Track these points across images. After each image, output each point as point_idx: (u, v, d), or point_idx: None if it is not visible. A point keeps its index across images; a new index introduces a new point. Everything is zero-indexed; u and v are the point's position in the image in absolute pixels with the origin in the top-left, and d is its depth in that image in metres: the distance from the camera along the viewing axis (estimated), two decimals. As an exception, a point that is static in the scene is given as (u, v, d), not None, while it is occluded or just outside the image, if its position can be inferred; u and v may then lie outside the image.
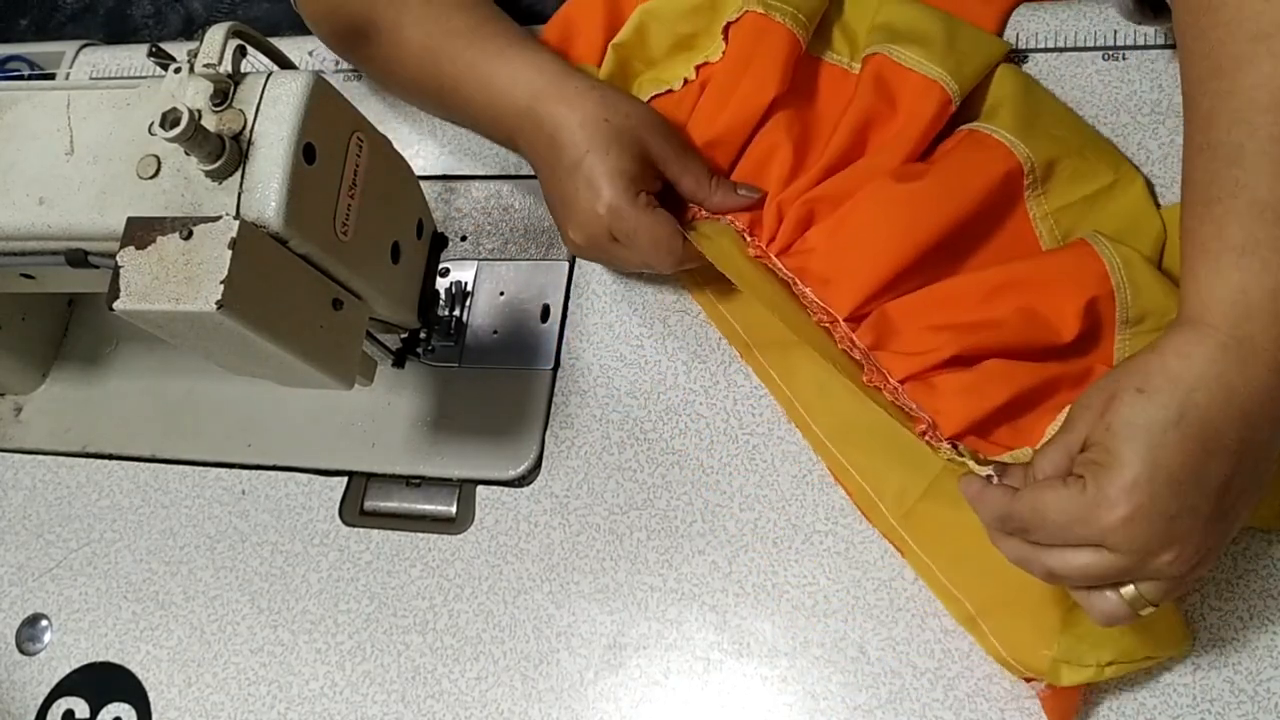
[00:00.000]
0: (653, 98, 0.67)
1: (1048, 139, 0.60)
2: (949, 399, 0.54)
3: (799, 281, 0.59)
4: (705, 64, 0.66)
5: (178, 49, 0.53)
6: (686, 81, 0.66)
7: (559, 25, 0.71)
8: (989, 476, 0.49)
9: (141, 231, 0.48)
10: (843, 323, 0.57)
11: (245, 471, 0.70)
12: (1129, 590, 0.44)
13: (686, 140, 0.63)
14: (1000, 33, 0.67)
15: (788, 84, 0.63)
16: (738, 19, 0.64)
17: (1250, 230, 0.43)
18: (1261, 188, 0.43)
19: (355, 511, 0.67)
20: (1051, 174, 0.59)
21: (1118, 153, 0.62)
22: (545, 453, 0.65)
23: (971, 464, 0.51)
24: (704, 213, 0.62)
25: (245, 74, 0.51)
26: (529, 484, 0.65)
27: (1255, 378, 0.42)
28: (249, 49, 0.52)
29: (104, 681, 0.66)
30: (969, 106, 0.62)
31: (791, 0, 0.63)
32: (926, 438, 0.53)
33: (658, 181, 0.61)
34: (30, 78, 0.88)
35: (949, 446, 0.53)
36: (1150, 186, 0.60)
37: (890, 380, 0.55)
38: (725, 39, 0.65)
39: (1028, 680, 0.53)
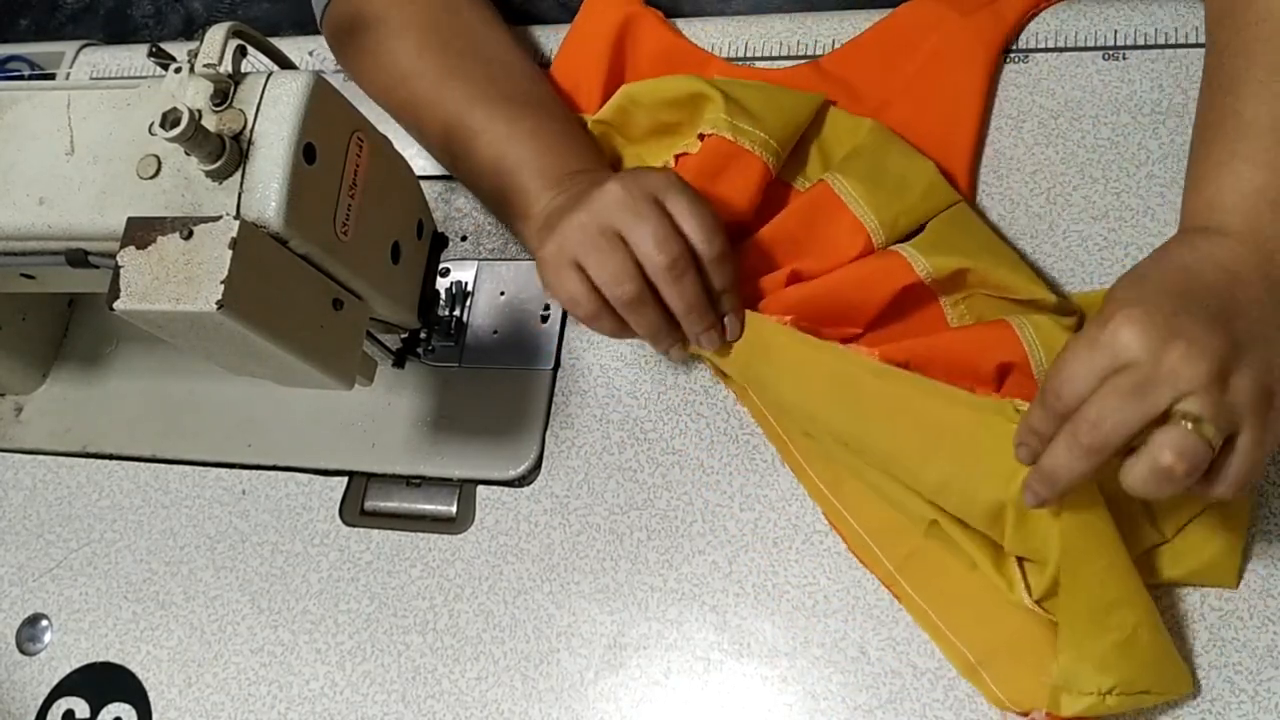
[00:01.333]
0: None
1: (962, 257, 0.58)
2: None
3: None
4: (685, 154, 0.64)
5: (178, 49, 0.53)
6: (665, 166, 0.65)
7: (563, 69, 0.72)
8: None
9: (142, 231, 0.48)
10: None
11: (245, 471, 0.70)
12: (1177, 411, 0.42)
13: (706, 208, 0.58)
14: (1004, 50, 0.67)
15: (754, 207, 0.63)
16: (709, 135, 0.63)
17: (1231, 143, 0.50)
18: (1251, 106, 0.50)
19: (355, 511, 0.67)
20: (962, 282, 0.59)
21: (1036, 279, 0.59)
22: (545, 453, 0.65)
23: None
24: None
25: (245, 74, 0.51)
26: (529, 484, 0.65)
27: (1235, 253, 0.47)
28: (249, 49, 0.52)
29: (104, 681, 0.66)
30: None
31: (764, 125, 0.62)
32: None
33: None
34: (30, 78, 0.88)
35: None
36: (1066, 309, 0.58)
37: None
38: (700, 140, 0.64)
39: (1025, 715, 0.53)
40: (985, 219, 0.63)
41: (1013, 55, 0.67)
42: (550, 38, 0.76)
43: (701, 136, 0.63)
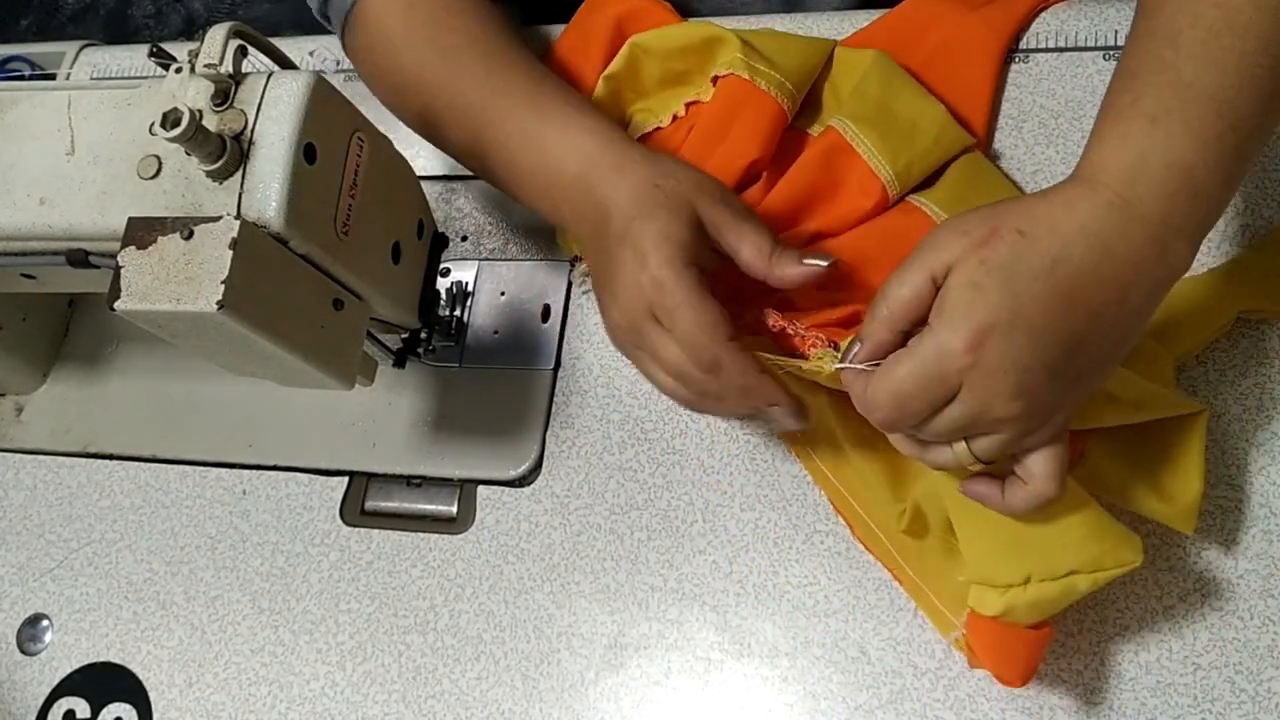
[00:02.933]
0: (642, 136, 0.67)
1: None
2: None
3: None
4: (696, 102, 0.65)
5: (178, 49, 0.53)
6: (676, 117, 0.66)
7: (573, 38, 0.71)
8: (854, 343, 0.48)
9: (142, 232, 0.48)
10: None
11: (246, 472, 0.70)
12: (960, 447, 0.45)
13: (746, 206, 0.55)
14: (1010, 48, 0.67)
15: (770, 151, 0.62)
16: (725, 75, 0.63)
17: (1166, 103, 0.43)
18: (1188, 69, 0.44)
19: (356, 511, 0.67)
20: None
21: None
22: (546, 453, 0.65)
23: (837, 354, 0.50)
24: (809, 342, 0.53)
25: (246, 74, 0.51)
26: (530, 484, 0.65)
27: (1132, 244, 0.42)
28: (250, 49, 0.52)
29: (105, 681, 0.66)
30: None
31: (780, 68, 0.62)
32: (807, 346, 0.52)
33: (714, 257, 0.54)
34: (31, 78, 0.88)
35: (825, 343, 0.52)
36: None
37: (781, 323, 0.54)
38: (714, 84, 0.64)
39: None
40: (998, 165, 0.63)
41: (1013, 55, 0.67)
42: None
43: (715, 80, 0.63)
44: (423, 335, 0.67)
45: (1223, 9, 0.44)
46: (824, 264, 0.52)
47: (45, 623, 0.69)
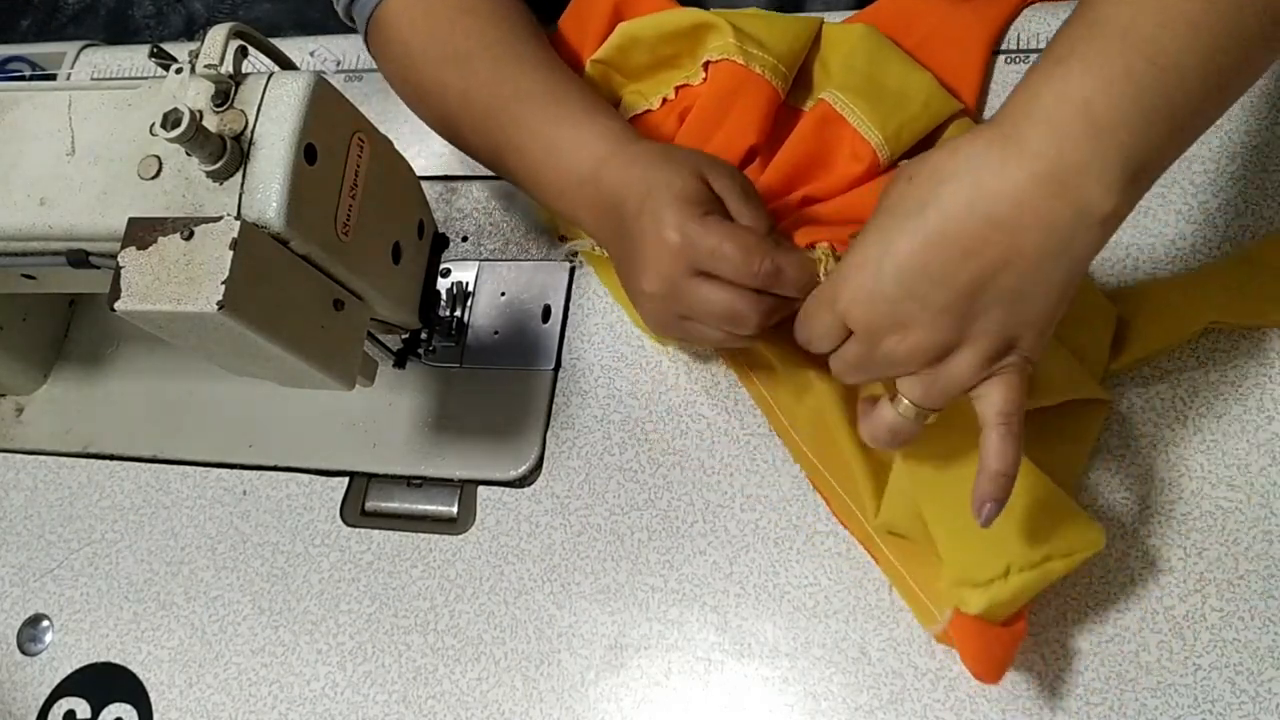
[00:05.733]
0: (632, 118, 0.67)
1: None
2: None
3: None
4: (686, 85, 0.65)
5: (179, 49, 0.53)
6: (666, 100, 0.66)
7: (571, 21, 0.71)
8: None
9: (143, 232, 0.48)
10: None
11: (246, 472, 0.70)
12: (902, 403, 0.47)
13: (752, 186, 0.56)
14: (997, 42, 0.67)
15: (766, 134, 0.63)
16: (719, 61, 0.64)
17: (1072, 44, 0.42)
18: (1102, 10, 0.42)
19: (356, 512, 0.67)
20: None
21: None
22: (546, 453, 0.65)
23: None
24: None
25: (246, 74, 0.51)
26: (530, 484, 0.65)
27: (1013, 180, 0.41)
28: (250, 49, 0.52)
29: (105, 682, 0.66)
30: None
31: (771, 49, 0.63)
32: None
33: (723, 211, 0.54)
34: (31, 78, 0.88)
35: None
36: None
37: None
38: (706, 72, 0.64)
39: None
40: None
41: (1011, 55, 0.67)
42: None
43: (707, 65, 0.64)
44: (423, 336, 0.66)
45: None
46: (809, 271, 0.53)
47: (45, 623, 0.69)
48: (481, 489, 0.65)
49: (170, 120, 0.46)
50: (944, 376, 0.45)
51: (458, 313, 0.70)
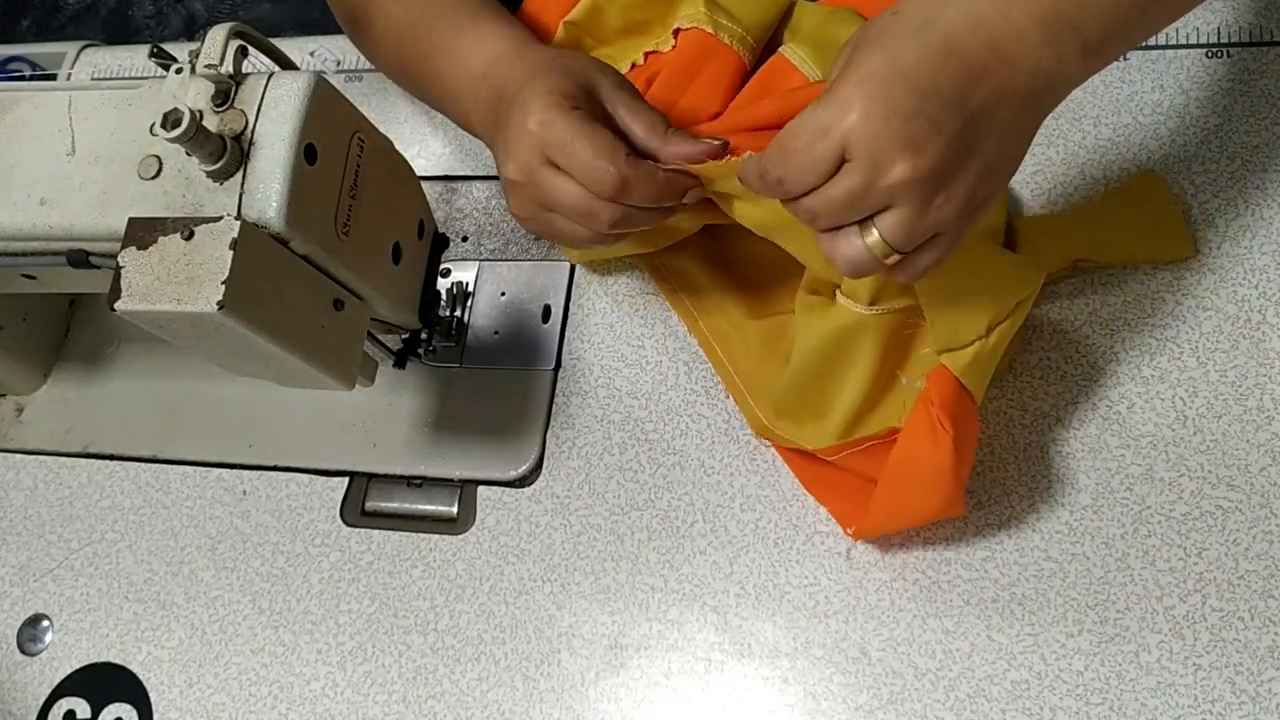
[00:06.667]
0: None
1: None
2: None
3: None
4: (655, 52, 0.65)
5: (179, 49, 0.53)
6: (634, 66, 0.66)
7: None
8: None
9: (143, 232, 0.48)
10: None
11: (246, 472, 0.70)
12: (872, 236, 0.43)
13: (640, 95, 0.57)
14: None
15: (729, 104, 0.63)
16: (688, 29, 0.64)
17: None
18: None
19: (356, 512, 0.67)
20: None
21: None
22: (546, 453, 0.65)
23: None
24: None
25: (246, 74, 0.51)
26: (530, 484, 0.65)
27: (1013, 18, 0.42)
28: (250, 49, 0.52)
29: (105, 682, 0.66)
30: None
31: (741, 21, 0.63)
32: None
33: (603, 117, 0.55)
34: (32, 78, 0.88)
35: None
36: None
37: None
38: (675, 38, 0.65)
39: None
40: None
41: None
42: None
43: (676, 33, 0.64)
44: (423, 335, 0.67)
45: None
46: (715, 144, 0.52)
47: (45, 623, 0.69)
48: (481, 489, 0.65)
49: (170, 120, 0.46)
50: (932, 215, 0.43)
51: (458, 313, 0.70)
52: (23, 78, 0.88)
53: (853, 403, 0.56)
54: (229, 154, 0.49)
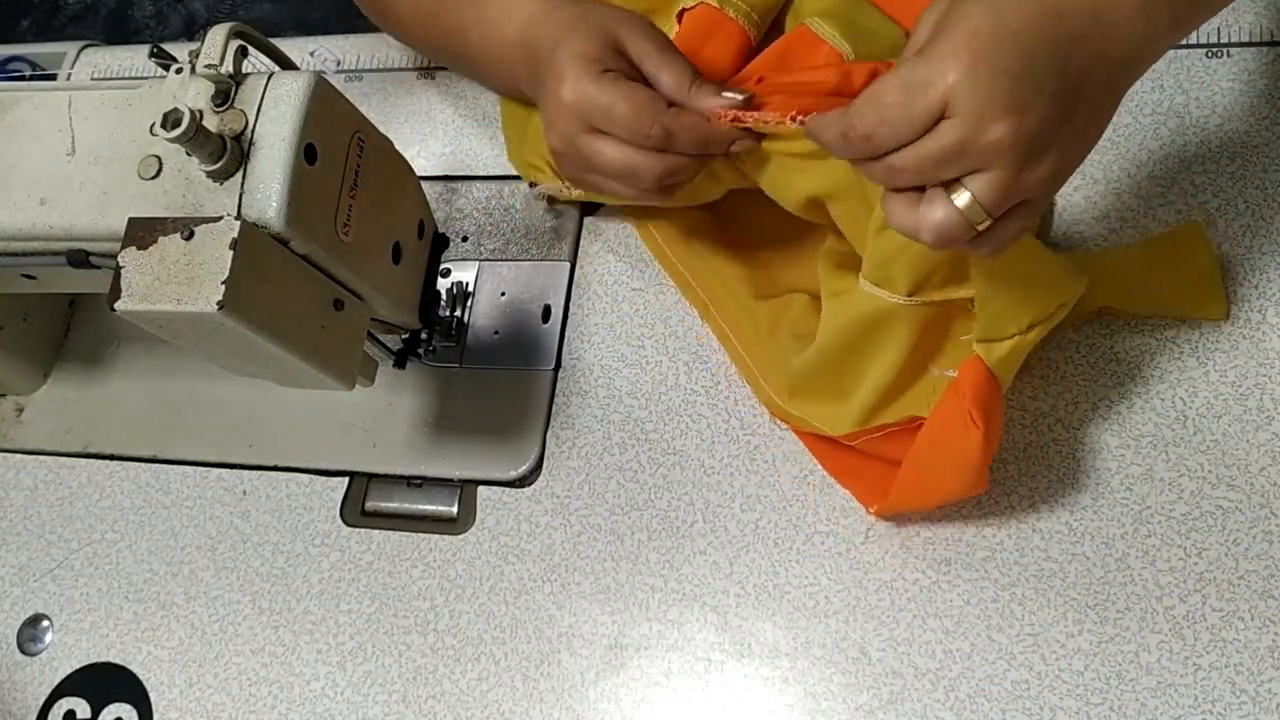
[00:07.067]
0: None
1: None
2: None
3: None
4: None
5: (179, 49, 0.53)
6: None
7: None
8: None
9: (143, 232, 0.48)
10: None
11: (246, 472, 0.70)
12: (964, 198, 0.42)
13: (670, 42, 0.57)
14: None
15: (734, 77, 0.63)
16: (693, 7, 0.64)
17: None
18: None
19: (356, 512, 0.67)
20: None
21: None
22: (546, 453, 0.65)
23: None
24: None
25: (246, 75, 0.51)
26: (530, 484, 0.65)
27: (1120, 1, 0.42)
28: (250, 49, 0.52)
29: (105, 682, 0.66)
30: None
31: None
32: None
33: (633, 72, 0.55)
34: (32, 78, 0.88)
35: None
36: None
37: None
38: (679, 22, 0.65)
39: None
40: None
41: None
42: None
43: (681, 15, 0.64)
44: (423, 335, 0.67)
45: None
46: (740, 97, 0.53)
47: (45, 623, 0.69)
48: (481, 489, 0.65)
49: (170, 120, 0.46)
50: (1025, 179, 0.41)
51: (458, 313, 0.70)
52: (23, 78, 0.88)
53: (878, 389, 0.56)
54: (229, 154, 0.49)
